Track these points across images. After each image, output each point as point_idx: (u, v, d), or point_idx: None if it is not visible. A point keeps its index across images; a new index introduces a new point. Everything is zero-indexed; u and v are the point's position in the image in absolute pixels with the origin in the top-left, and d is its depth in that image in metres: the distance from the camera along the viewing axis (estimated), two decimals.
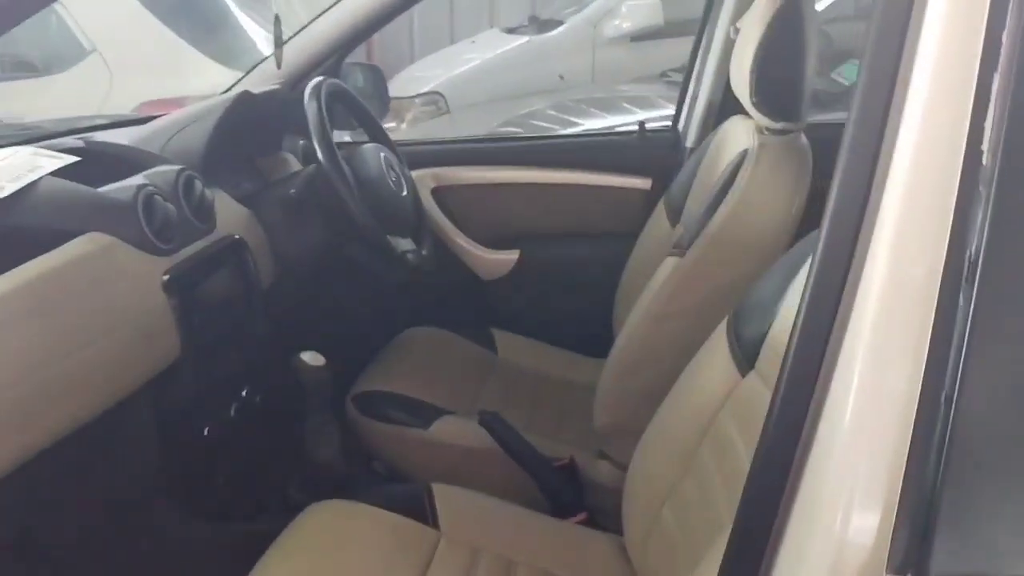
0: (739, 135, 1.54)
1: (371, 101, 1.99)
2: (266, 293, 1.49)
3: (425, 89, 4.55)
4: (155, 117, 1.77)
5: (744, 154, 1.43)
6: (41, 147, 1.38)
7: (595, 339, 2.07)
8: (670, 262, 1.44)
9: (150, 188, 1.26)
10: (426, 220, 1.85)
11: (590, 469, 1.56)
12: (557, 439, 1.61)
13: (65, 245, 1.15)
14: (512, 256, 2.09)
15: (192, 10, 3.97)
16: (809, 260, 1.03)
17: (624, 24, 4.76)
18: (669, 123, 2.22)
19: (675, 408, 1.22)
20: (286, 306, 1.64)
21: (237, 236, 1.45)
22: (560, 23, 4.91)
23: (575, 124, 3.50)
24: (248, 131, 1.69)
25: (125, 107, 3.21)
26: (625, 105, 3.68)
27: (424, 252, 1.74)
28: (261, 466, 1.58)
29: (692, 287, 1.42)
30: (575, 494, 1.50)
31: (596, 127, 3.44)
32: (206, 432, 1.37)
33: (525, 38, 4.88)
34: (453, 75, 4.67)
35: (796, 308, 0.74)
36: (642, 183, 2.07)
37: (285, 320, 1.62)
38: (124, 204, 1.22)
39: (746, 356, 1.10)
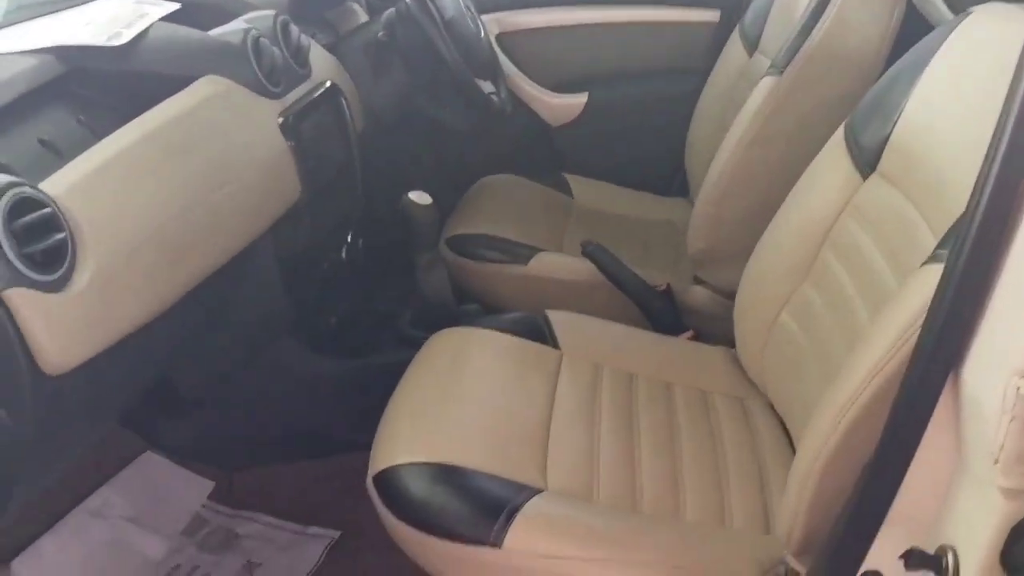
0: None
1: None
2: (360, 136, 1.51)
3: None
4: None
5: None
6: None
7: (667, 179, 2.10)
8: (767, 83, 1.44)
9: (255, 31, 1.27)
10: (499, 63, 1.84)
11: (686, 295, 1.61)
12: (649, 269, 1.65)
13: (187, 88, 1.16)
14: (580, 100, 2.09)
15: None
16: (931, 62, 1.04)
17: None
18: None
19: (788, 220, 1.25)
20: (375, 152, 1.66)
21: (331, 82, 1.46)
22: None
23: None
24: None
25: None
26: None
27: (503, 94, 1.74)
28: (374, 303, 1.64)
29: (792, 106, 1.43)
30: (677, 317, 1.55)
31: None
32: (325, 268, 1.42)
33: None
34: None
35: (919, 109, 0.69)
36: (710, 16, 2.04)
37: (376, 165, 1.64)
38: (235, 47, 1.23)
39: (867, 160, 1.12)
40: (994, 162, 0.61)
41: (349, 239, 1.53)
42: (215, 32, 1.25)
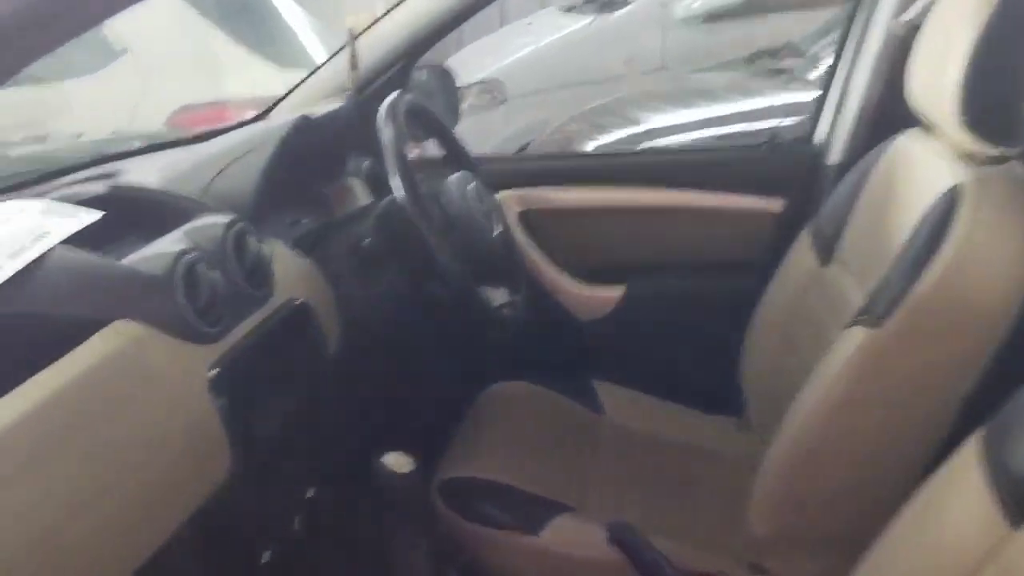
0: (927, 160, 1.20)
1: (441, 110, 1.68)
2: (332, 363, 1.19)
3: (479, 77, 4.20)
4: (195, 137, 1.48)
5: (953, 192, 1.09)
6: (59, 190, 1.08)
7: (716, 393, 1.74)
8: (858, 334, 1.11)
9: (192, 255, 0.96)
10: (520, 260, 1.53)
11: None
12: (693, 541, 1.29)
13: (84, 344, 0.85)
14: (615, 293, 1.76)
15: None
16: None
17: (696, 2, 4.36)
18: (774, 123, 1.88)
19: (902, 551, 0.90)
20: (353, 374, 1.34)
21: (299, 300, 1.15)
22: (625, 2, 4.53)
23: (656, 117, 3.14)
24: (308, 160, 1.38)
25: (160, 112, 2.90)
26: (700, 98, 3.30)
27: (520, 300, 1.43)
28: None
29: (894, 367, 1.09)
30: None
31: (684, 121, 3.08)
32: (266, 558, 1.08)
33: (587, 19, 4.50)
34: (509, 61, 4.32)
35: None
36: (772, 205, 1.73)
37: (353, 392, 1.33)
38: (159, 281, 0.92)
39: (1018, 500, 0.77)
40: None
41: (310, 497, 1.19)
42: (136, 258, 0.95)
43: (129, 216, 1.09)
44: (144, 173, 1.26)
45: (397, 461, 1.09)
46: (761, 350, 1.56)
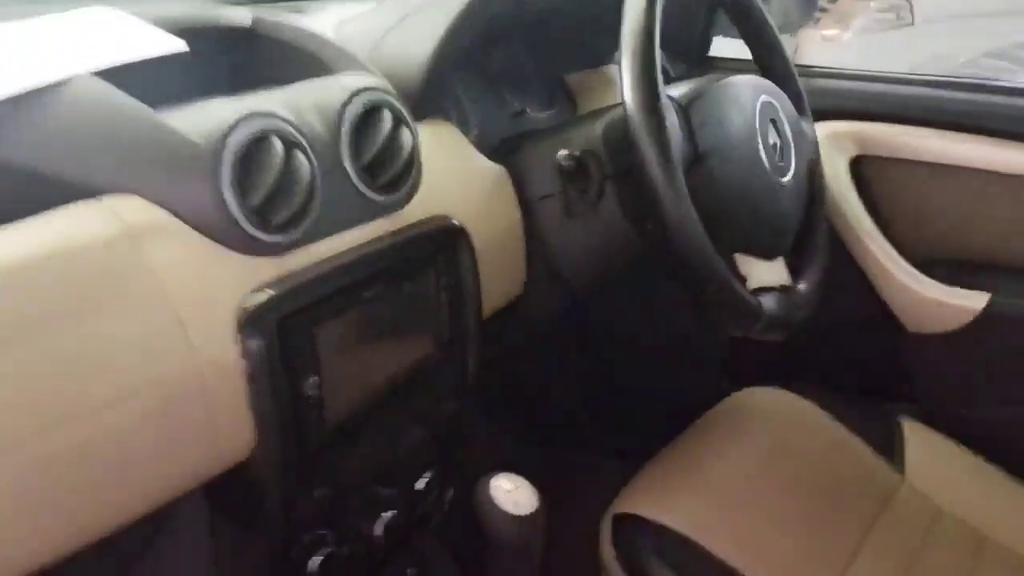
0: None
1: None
2: (478, 333, 0.83)
3: None
4: None
5: None
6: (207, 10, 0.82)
7: None
8: None
9: (269, 122, 0.64)
10: (820, 227, 1.01)
11: None
12: None
13: (55, 211, 0.58)
14: (974, 302, 1.17)
15: None
16: None
17: None
18: None
19: None
20: (519, 348, 0.98)
21: (454, 222, 0.79)
22: None
23: None
24: (542, 30, 1.01)
25: None
26: None
27: (803, 288, 0.94)
28: None
29: None
30: None
31: None
32: (313, 567, 0.77)
33: None
34: None
35: None
36: None
37: (516, 375, 0.97)
38: (197, 151, 0.61)
39: None
40: None
41: (425, 485, 0.86)
42: (192, 112, 0.64)
43: (258, 59, 0.80)
44: (327, 19, 0.97)
45: (514, 493, 0.71)
46: None
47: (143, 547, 0.73)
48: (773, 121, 0.92)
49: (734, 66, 1.38)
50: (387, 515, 0.81)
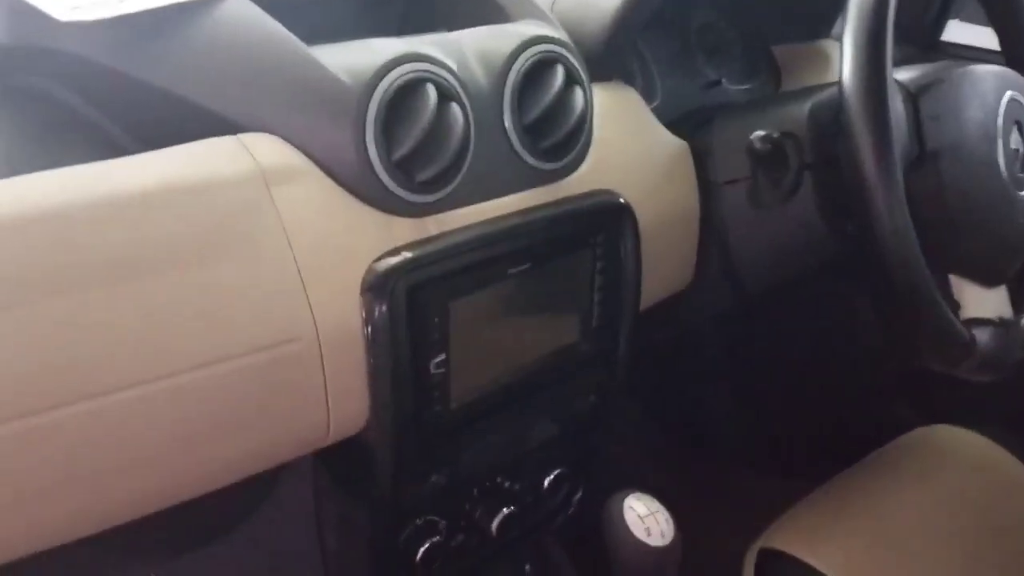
0: None
1: None
2: (633, 327, 0.73)
3: None
4: None
5: None
6: None
7: None
8: None
9: (430, 65, 0.57)
10: None
11: None
12: None
13: (198, 145, 0.54)
14: None
15: None
16: None
17: None
18: None
19: None
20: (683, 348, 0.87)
21: (622, 199, 0.70)
22: None
23: None
24: None
25: None
26: None
27: None
28: None
29: None
30: None
31: None
32: (421, 556, 0.72)
33: None
34: None
35: None
36: None
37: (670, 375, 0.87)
38: (345, 93, 0.55)
39: None
40: None
41: (552, 484, 0.79)
42: (344, 52, 0.58)
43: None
44: None
45: (648, 519, 0.62)
46: None
47: (249, 509, 0.70)
48: (1018, 123, 0.77)
49: (970, 55, 1.20)
50: (507, 510, 0.74)
